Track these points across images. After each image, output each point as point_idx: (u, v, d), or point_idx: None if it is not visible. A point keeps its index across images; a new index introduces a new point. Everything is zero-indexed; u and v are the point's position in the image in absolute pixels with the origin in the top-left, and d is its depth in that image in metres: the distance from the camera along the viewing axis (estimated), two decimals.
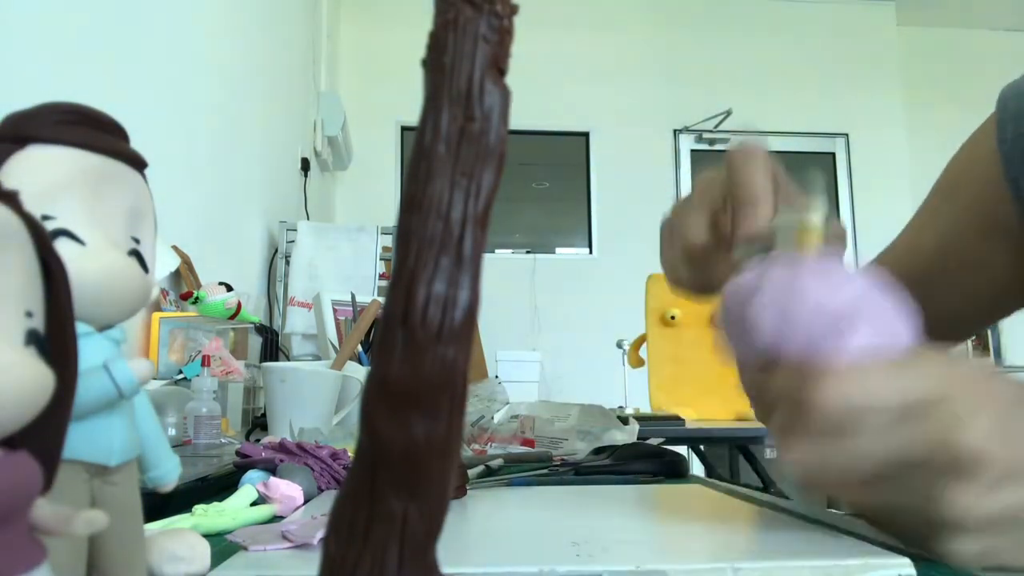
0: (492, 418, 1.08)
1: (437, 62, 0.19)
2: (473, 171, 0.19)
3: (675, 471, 0.70)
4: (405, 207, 0.18)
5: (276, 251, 2.37)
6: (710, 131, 4.30)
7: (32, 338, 0.20)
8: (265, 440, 0.86)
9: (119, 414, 0.27)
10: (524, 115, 4.23)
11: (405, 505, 0.18)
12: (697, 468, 2.41)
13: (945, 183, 0.61)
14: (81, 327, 0.25)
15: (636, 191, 4.09)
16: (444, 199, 0.18)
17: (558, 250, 4.52)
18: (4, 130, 0.26)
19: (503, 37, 0.19)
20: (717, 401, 1.90)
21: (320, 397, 1.08)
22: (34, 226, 0.21)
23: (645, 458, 0.73)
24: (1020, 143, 0.52)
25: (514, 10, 0.19)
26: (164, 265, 1.22)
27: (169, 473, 0.31)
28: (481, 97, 0.19)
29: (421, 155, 0.19)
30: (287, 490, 0.55)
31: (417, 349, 0.17)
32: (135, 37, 1.27)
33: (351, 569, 0.18)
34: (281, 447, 0.67)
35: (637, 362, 2.02)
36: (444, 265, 0.18)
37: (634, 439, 0.93)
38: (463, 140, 0.19)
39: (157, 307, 1.26)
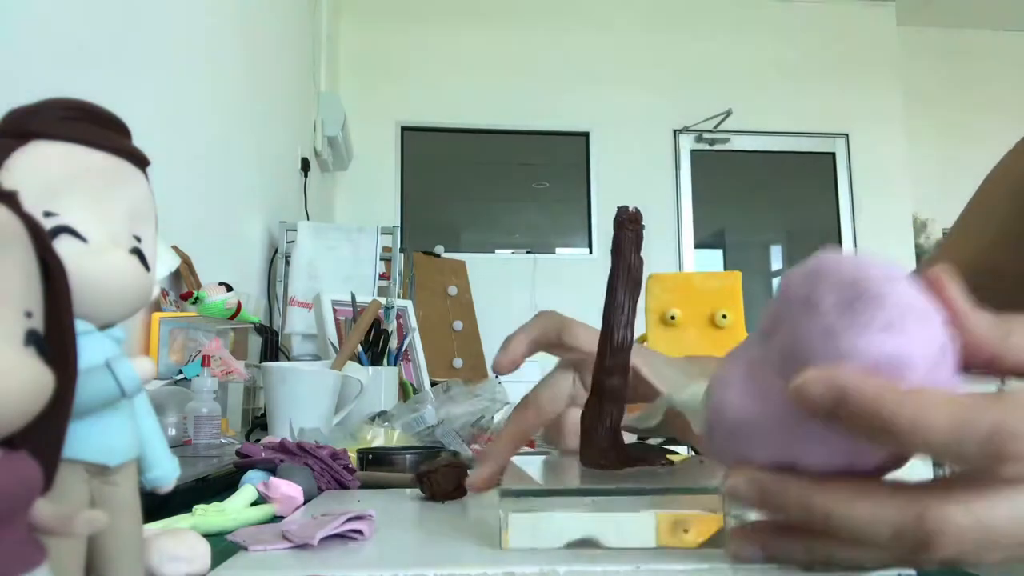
0: (492, 418, 1.08)
1: (617, 249, 0.41)
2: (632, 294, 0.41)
3: None
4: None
5: (276, 251, 2.37)
6: (710, 131, 4.30)
7: (31, 338, 0.20)
8: (265, 440, 0.86)
9: (120, 414, 0.27)
10: (524, 115, 4.23)
11: None
12: None
13: (978, 202, 0.61)
14: (82, 325, 0.25)
15: (636, 191, 4.09)
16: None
17: (558, 250, 4.52)
18: (7, 126, 0.26)
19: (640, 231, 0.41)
20: None
21: (320, 397, 1.08)
22: (33, 226, 0.21)
23: None
24: None
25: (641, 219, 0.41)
26: (164, 265, 1.22)
27: (169, 474, 0.31)
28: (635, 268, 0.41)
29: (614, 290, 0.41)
30: (287, 490, 0.55)
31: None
32: (135, 36, 1.27)
33: None
34: (281, 447, 0.67)
35: None
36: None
37: (634, 439, 0.92)
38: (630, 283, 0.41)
39: (157, 307, 1.26)
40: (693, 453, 0.51)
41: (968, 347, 0.26)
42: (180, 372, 1.15)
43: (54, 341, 0.21)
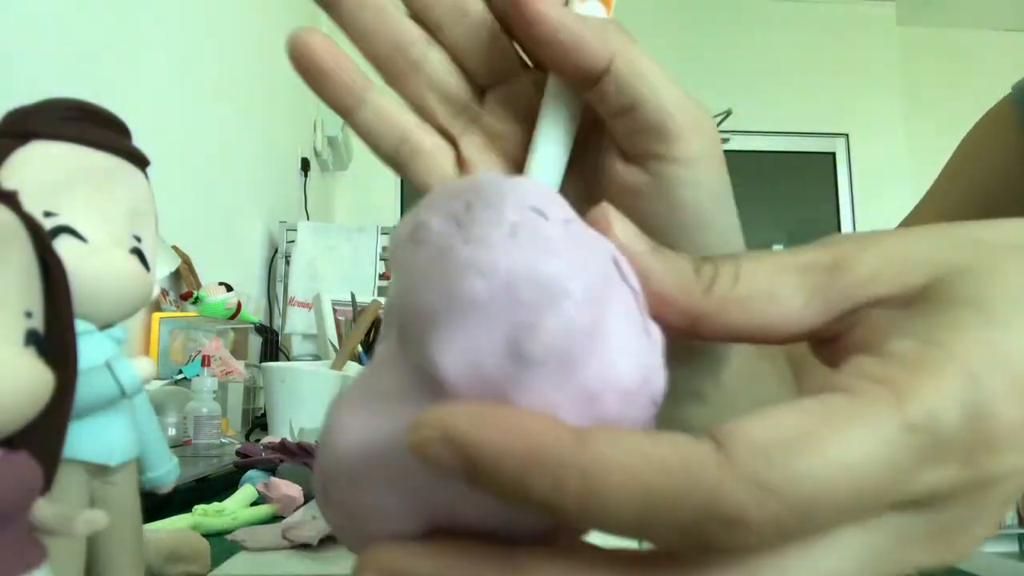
0: None
1: None
2: None
3: None
4: None
5: (276, 251, 2.37)
6: None
7: (31, 338, 0.20)
8: (265, 440, 0.86)
9: (120, 414, 0.27)
10: None
11: None
12: None
13: (952, 166, 0.60)
14: (82, 325, 0.25)
15: None
16: None
17: None
18: (8, 126, 0.26)
19: None
20: None
21: (320, 397, 1.08)
22: (33, 226, 0.21)
23: None
24: None
25: None
26: (164, 265, 1.22)
27: (168, 475, 0.31)
28: None
29: None
30: (287, 490, 0.55)
31: None
32: (134, 36, 1.27)
33: None
34: (281, 447, 0.67)
35: None
36: None
37: None
38: None
39: (157, 307, 1.26)
40: None
41: (656, 304, 0.17)
42: (180, 372, 1.15)
43: (54, 341, 0.21)
